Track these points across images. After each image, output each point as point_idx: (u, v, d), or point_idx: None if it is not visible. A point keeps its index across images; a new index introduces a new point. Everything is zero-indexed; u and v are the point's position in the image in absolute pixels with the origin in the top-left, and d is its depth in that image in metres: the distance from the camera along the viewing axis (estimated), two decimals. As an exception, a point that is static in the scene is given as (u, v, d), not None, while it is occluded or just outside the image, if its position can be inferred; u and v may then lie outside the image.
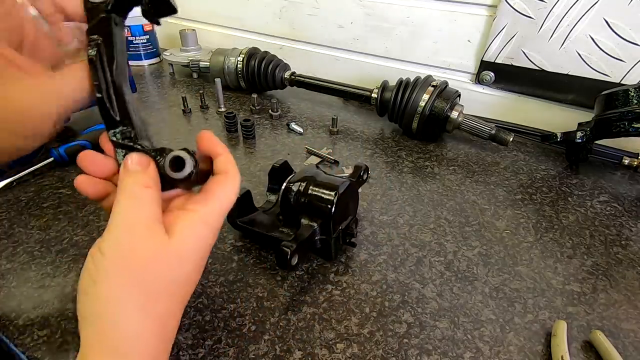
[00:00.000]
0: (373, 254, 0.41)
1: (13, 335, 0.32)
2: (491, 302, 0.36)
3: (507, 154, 0.62)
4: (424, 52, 0.73)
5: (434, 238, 0.44)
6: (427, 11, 0.68)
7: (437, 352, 0.32)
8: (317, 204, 0.37)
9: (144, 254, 0.23)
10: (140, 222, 0.24)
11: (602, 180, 0.56)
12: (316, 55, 0.85)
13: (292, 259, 0.33)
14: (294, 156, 0.59)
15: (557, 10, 0.57)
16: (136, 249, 0.23)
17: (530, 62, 0.63)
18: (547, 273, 0.40)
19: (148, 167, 0.25)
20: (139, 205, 0.24)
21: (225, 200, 0.27)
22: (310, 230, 0.36)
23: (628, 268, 0.41)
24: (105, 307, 0.22)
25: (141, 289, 0.23)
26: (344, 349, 0.32)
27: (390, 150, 0.62)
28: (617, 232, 0.46)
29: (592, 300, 0.37)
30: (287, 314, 0.34)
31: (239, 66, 0.75)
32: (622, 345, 0.33)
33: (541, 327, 0.34)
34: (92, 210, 0.46)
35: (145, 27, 0.90)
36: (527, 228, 0.46)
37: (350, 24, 0.77)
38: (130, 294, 0.23)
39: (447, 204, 0.50)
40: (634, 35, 0.54)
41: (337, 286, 0.37)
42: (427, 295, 0.37)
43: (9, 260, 0.39)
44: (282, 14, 0.84)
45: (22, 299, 0.35)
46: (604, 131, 0.53)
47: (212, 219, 0.26)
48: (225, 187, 0.27)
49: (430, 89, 0.60)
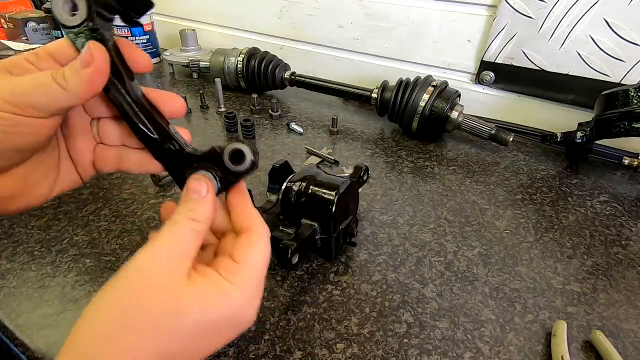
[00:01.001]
0: (373, 254, 0.41)
1: (13, 335, 0.32)
2: (491, 302, 0.36)
3: (507, 154, 0.62)
4: (424, 52, 0.73)
5: (434, 238, 0.44)
6: (427, 11, 0.68)
7: (437, 352, 0.32)
8: (317, 204, 0.37)
9: (153, 289, 0.20)
10: (164, 257, 0.22)
11: (602, 180, 0.56)
12: (316, 55, 0.85)
13: (292, 257, 0.33)
14: (294, 156, 0.59)
15: (557, 10, 0.57)
16: (149, 284, 0.21)
17: (530, 62, 0.63)
18: (547, 273, 0.40)
19: (205, 196, 0.24)
20: (173, 240, 0.22)
21: (254, 267, 0.23)
22: (310, 229, 0.36)
23: (628, 268, 0.41)
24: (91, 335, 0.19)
25: (137, 332, 0.20)
26: (344, 349, 0.32)
27: (390, 150, 0.62)
28: (617, 232, 0.46)
29: (592, 300, 0.37)
30: (287, 314, 0.34)
31: (239, 66, 0.75)
32: (622, 345, 0.33)
33: (541, 327, 0.34)
34: (92, 210, 0.46)
35: (145, 27, 0.90)
36: (527, 228, 0.46)
37: (350, 24, 0.77)
38: (123, 333, 0.19)
39: (447, 204, 0.50)
40: (634, 35, 0.54)
41: (337, 286, 0.37)
42: (427, 295, 0.37)
43: (9, 260, 0.39)
44: (282, 14, 0.84)
45: (22, 299, 0.35)
46: (604, 131, 0.53)
47: (241, 293, 0.22)
48: (252, 252, 0.24)
49: (430, 89, 0.60)
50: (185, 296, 0.21)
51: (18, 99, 0.21)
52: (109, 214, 0.46)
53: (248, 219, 0.25)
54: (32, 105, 0.21)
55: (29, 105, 0.21)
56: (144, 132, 0.25)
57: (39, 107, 0.21)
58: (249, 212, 0.26)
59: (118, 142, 0.27)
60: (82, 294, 0.36)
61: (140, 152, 0.27)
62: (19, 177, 0.24)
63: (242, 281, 0.23)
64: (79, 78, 0.21)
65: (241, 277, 0.23)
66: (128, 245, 0.41)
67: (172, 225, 0.23)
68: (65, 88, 0.21)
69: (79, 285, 0.37)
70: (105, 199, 0.48)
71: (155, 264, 0.21)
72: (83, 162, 0.27)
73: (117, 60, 0.23)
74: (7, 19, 0.89)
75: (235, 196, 0.26)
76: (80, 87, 0.21)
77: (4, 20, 0.91)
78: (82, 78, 0.21)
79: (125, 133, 0.27)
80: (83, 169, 0.27)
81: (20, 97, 0.21)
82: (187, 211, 0.23)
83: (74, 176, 0.27)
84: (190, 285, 0.21)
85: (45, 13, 0.83)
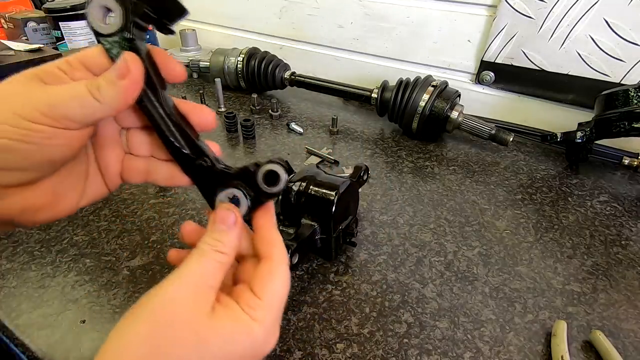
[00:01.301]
0: (373, 254, 0.41)
1: (13, 335, 0.32)
2: (491, 302, 0.36)
3: (507, 154, 0.62)
4: (424, 52, 0.73)
5: (434, 238, 0.44)
6: (427, 11, 0.68)
7: (437, 352, 0.32)
8: (317, 204, 0.37)
9: (177, 321, 0.20)
10: (191, 290, 0.21)
11: (602, 180, 0.56)
12: (316, 55, 0.85)
13: (292, 257, 0.33)
14: (294, 156, 0.59)
15: (557, 10, 0.57)
16: (176, 319, 0.21)
17: (530, 62, 0.63)
18: (547, 273, 0.40)
19: (232, 227, 0.24)
20: (201, 272, 0.22)
21: (275, 300, 0.23)
22: (310, 229, 0.36)
23: (628, 268, 0.41)
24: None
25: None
26: (344, 349, 0.32)
27: (390, 150, 0.62)
28: (617, 232, 0.46)
29: (592, 300, 0.37)
30: (287, 314, 0.34)
31: (239, 66, 0.75)
32: (622, 345, 0.33)
33: (541, 327, 0.34)
34: (92, 210, 0.46)
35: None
36: (527, 228, 0.46)
37: (350, 24, 0.77)
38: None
39: (447, 204, 0.50)
40: (634, 35, 0.54)
41: (337, 286, 0.37)
42: (427, 295, 0.37)
43: (9, 260, 0.39)
44: (282, 14, 0.84)
45: (22, 299, 0.35)
46: (604, 131, 0.53)
47: (262, 328, 0.22)
48: (273, 285, 0.23)
49: (430, 89, 0.60)
50: (210, 331, 0.21)
51: (53, 110, 0.20)
52: (109, 214, 0.46)
53: (271, 245, 0.25)
54: (67, 117, 0.20)
55: (64, 117, 0.20)
56: (176, 146, 0.24)
57: (74, 119, 0.21)
58: (273, 237, 0.25)
59: (147, 153, 0.26)
60: (82, 294, 0.36)
61: (169, 164, 0.26)
62: (48, 189, 0.23)
63: (264, 316, 0.23)
64: (115, 90, 0.21)
65: (263, 313, 0.23)
66: (128, 245, 0.41)
67: (200, 257, 0.22)
68: (100, 100, 0.21)
69: (79, 285, 0.37)
70: (105, 199, 0.48)
71: (183, 297, 0.21)
72: (111, 172, 0.26)
73: (151, 70, 0.23)
74: (7, 19, 0.89)
75: (262, 217, 0.26)
76: (115, 99, 0.21)
77: (4, 20, 0.91)
78: (118, 90, 0.21)
79: (154, 144, 0.26)
80: (110, 179, 0.27)
81: (56, 108, 0.20)
82: (214, 241, 0.23)
83: (101, 187, 0.26)
84: (214, 319, 0.21)
85: (45, 13, 0.83)
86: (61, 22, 0.82)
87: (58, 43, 0.85)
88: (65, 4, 0.82)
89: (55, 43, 0.86)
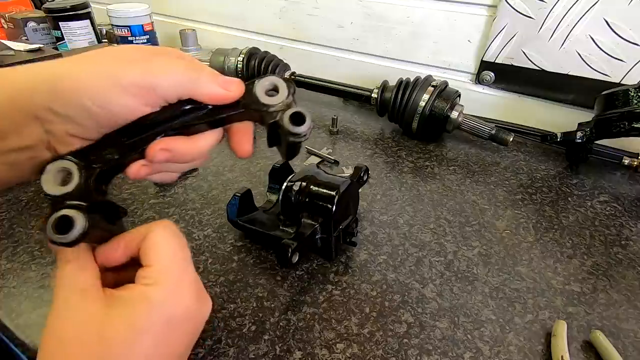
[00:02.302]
0: (373, 254, 0.41)
1: (13, 335, 0.32)
2: (491, 302, 0.36)
3: (507, 154, 0.62)
4: (424, 52, 0.73)
5: (434, 238, 0.44)
6: (427, 11, 0.68)
7: (437, 352, 0.32)
8: (318, 203, 0.37)
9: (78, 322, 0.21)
10: (72, 287, 0.22)
11: (602, 180, 0.56)
12: (316, 55, 0.85)
13: (293, 256, 0.33)
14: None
15: (557, 10, 0.57)
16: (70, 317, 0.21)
17: (530, 62, 0.63)
18: (547, 273, 0.40)
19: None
20: (63, 284, 0.22)
21: (167, 260, 0.23)
22: (311, 228, 0.36)
23: (628, 268, 0.41)
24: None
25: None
26: (344, 349, 0.32)
27: (390, 150, 0.62)
28: (617, 232, 0.46)
29: (592, 300, 0.37)
30: (287, 314, 0.34)
31: (239, 66, 0.75)
32: (622, 345, 0.33)
33: (541, 327, 0.34)
34: (92, 210, 0.46)
35: (145, 27, 0.90)
36: (527, 228, 0.46)
37: (350, 24, 0.77)
38: None
39: (447, 204, 0.50)
40: (634, 35, 0.54)
41: (337, 286, 0.37)
42: (427, 295, 0.37)
43: (9, 260, 0.39)
44: (282, 14, 0.84)
45: (22, 299, 0.35)
46: (604, 131, 0.53)
47: (161, 289, 0.22)
48: (158, 248, 0.23)
49: (430, 89, 0.60)
50: (108, 320, 0.20)
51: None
52: (109, 214, 0.46)
53: (143, 229, 0.24)
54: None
55: None
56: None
57: None
58: (141, 231, 0.24)
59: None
60: (82, 294, 0.36)
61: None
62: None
63: (158, 278, 0.22)
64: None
65: (156, 275, 0.22)
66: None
67: (58, 276, 0.23)
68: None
69: (79, 285, 0.37)
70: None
71: (69, 325, 0.21)
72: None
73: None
74: (7, 19, 0.89)
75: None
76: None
77: (4, 20, 0.91)
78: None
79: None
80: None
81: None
82: (58, 260, 0.23)
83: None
84: (109, 307, 0.21)
85: (45, 13, 0.83)
86: (61, 22, 0.82)
87: (58, 43, 0.85)
88: (65, 4, 0.82)
89: (56, 43, 0.86)
